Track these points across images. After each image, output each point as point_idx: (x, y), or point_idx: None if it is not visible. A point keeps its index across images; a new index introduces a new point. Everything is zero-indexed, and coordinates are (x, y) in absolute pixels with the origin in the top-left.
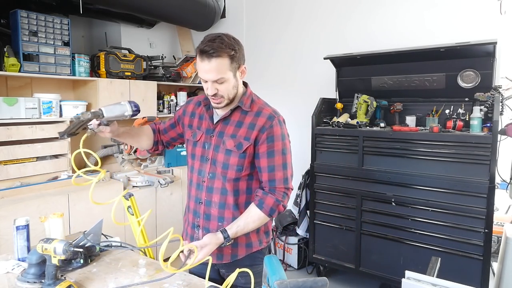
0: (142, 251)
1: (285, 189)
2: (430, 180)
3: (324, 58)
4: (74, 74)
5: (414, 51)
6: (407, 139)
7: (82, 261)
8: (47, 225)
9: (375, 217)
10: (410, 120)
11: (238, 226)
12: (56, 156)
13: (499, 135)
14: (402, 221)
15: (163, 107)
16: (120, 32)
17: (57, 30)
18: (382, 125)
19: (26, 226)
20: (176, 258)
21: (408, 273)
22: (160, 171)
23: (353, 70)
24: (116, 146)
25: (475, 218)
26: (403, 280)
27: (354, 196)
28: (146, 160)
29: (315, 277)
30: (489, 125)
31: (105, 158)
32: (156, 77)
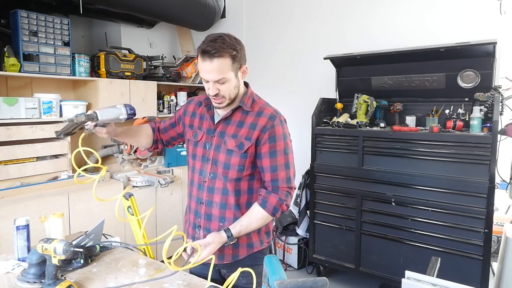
0: (142, 251)
1: (288, 188)
2: (430, 180)
3: (324, 58)
4: (74, 74)
5: (414, 51)
6: (407, 139)
7: (82, 261)
8: (47, 225)
9: (375, 217)
10: (410, 120)
11: (241, 225)
12: (56, 156)
13: (499, 135)
14: (402, 221)
15: (163, 107)
16: (120, 32)
17: (57, 30)
18: (382, 125)
19: (26, 226)
20: (179, 257)
21: (408, 273)
22: (160, 171)
23: (353, 70)
24: (116, 146)
25: (475, 218)
26: (403, 280)
27: (354, 196)
28: (146, 160)
29: (315, 277)
30: (489, 125)
31: (105, 158)
32: (156, 77)
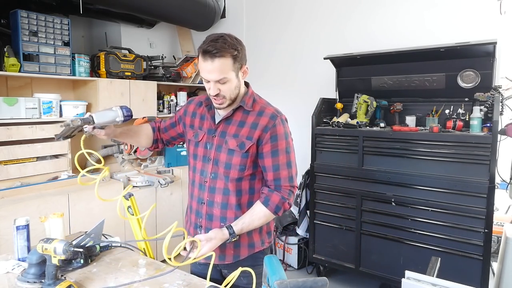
0: (142, 251)
1: (290, 187)
2: (430, 180)
3: (324, 58)
4: (74, 74)
5: (414, 51)
6: (407, 139)
7: (82, 261)
8: (47, 225)
9: (375, 217)
10: (410, 120)
11: (244, 223)
12: (56, 156)
13: (499, 135)
14: (402, 221)
15: (163, 107)
16: (120, 32)
17: (57, 30)
18: (382, 125)
19: (26, 226)
20: (179, 253)
21: (408, 273)
22: (160, 171)
23: (353, 70)
24: (116, 146)
25: (475, 218)
26: (403, 280)
27: (354, 196)
28: (146, 160)
29: (315, 277)
30: (489, 125)
31: (105, 158)
32: (156, 77)
